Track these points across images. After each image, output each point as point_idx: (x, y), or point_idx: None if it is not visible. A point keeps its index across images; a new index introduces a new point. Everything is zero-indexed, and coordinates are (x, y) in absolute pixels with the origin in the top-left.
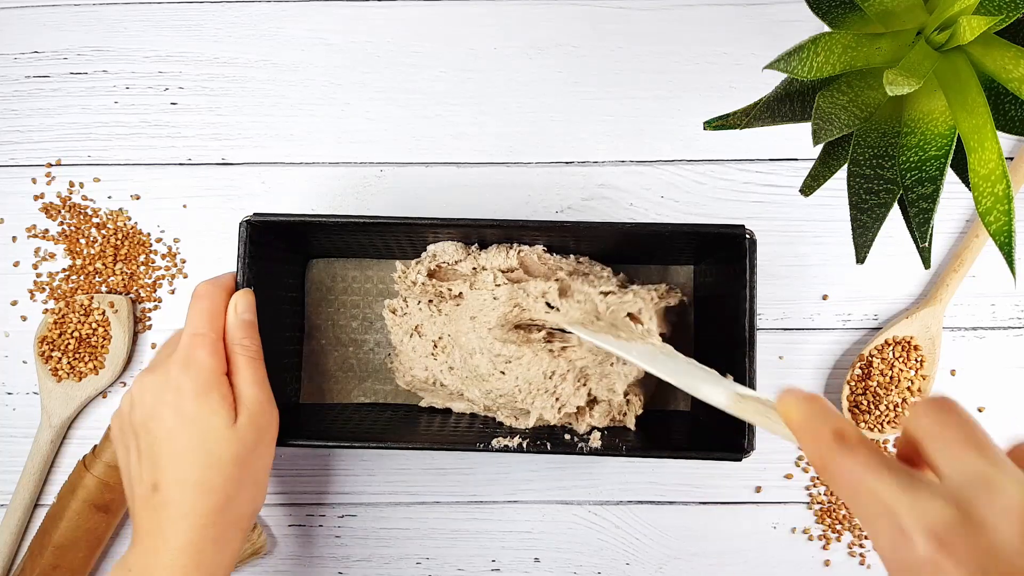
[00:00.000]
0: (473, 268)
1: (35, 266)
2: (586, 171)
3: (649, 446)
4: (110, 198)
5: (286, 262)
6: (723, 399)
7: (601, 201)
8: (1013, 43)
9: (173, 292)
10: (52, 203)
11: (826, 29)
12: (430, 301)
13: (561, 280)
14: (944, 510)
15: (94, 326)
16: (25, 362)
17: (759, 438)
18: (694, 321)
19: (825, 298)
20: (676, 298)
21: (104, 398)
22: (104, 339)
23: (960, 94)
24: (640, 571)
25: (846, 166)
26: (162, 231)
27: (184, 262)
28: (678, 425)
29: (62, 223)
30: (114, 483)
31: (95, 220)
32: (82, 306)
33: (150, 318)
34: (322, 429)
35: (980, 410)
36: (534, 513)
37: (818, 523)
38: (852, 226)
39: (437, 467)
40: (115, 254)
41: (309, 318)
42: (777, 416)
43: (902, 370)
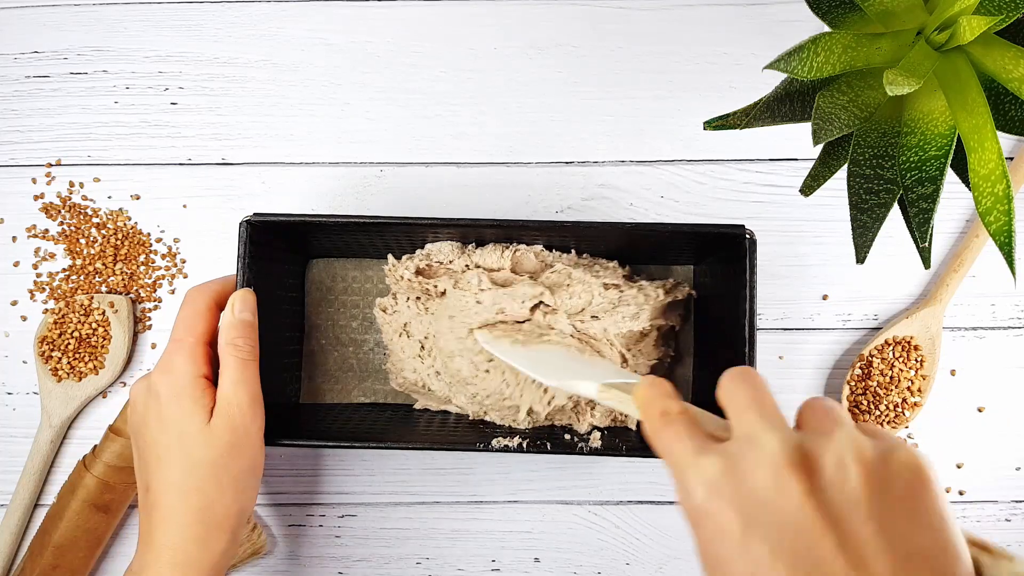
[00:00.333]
0: (465, 266)
1: (35, 266)
2: (586, 171)
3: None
4: (110, 198)
5: (286, 262)
6: (592, 391)
7: (601, 201)
8: (1013, 43)
9: (173, 292)
10: (52, 203)
11: (826, 29)
12: (417, 298)
13: (558, 272)
14: (716, 465)
15: (94, 326)
16: (25, 362)
17: None
18: (694, 321)
19: (825, 298)
20: (684, 292)
21: (104, 398)
22: (104, 339)
23: (960, 94)
24: (640, 571)
25: (846, 166)
26: (162, 231)
27: (184, 262)
28: None
29: (62, 223)
30: (114, 483)
31: (95, 220)
32: (82, 306)
33: (150, 318)
34: (322, 429)
35: (980, 410)
36: (534, 513)
37: None
38: (852, 226)
39: (437, 467)
40: (115, 254)
41: (309, 318)
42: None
43: (902, 370)
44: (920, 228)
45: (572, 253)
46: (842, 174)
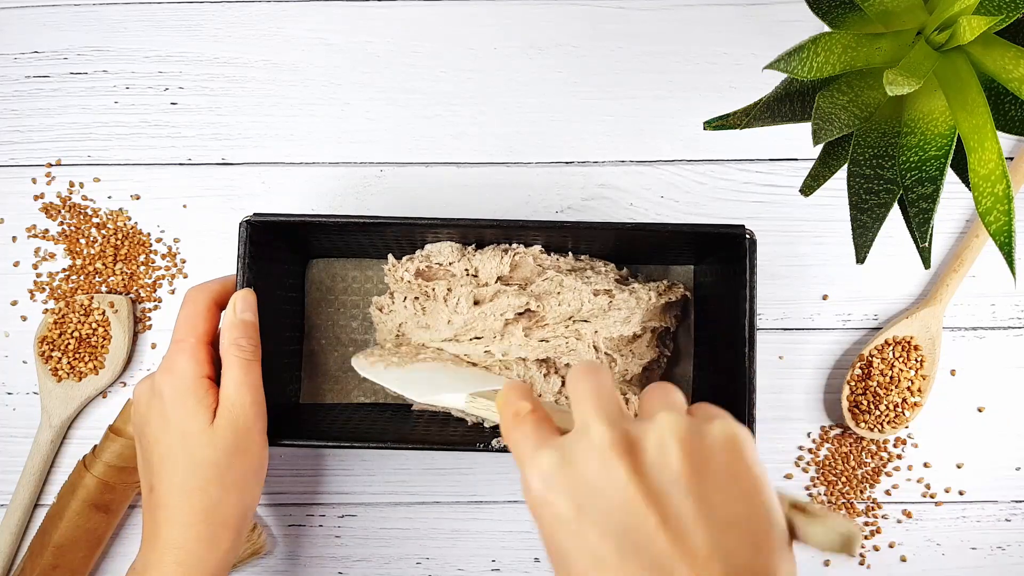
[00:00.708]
0: (465, 270)
1: (35, 266)
2: (586, 171)
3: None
4: (110, 198)
5: (286, 262)
6: (459, 402)
7: (601, 201)
8: (1013, 43)
9: (173, 292)
10: (52, 203)
11: (826, 29)
12: (415, 298)
13: (549, 279)
14: (551, 457)
15: (94, 326)
16: (25, 362)
17: (759, 438)
18: (694, 321)
19: (825, 298)
20: (678, 292)
21: (104, 398)
22: (104, 339)
23: (960, 94)
24: None
25: (846, 166)
26: (162, 231)
27: (184, 262)
28: None
29: (62, 223)
30: (114, 483)
31: (95, 220)
32: (82, 306)
33: (150, 318)
34: (322, 429)
35: (980, 410)
36: None
37: None
38: (852, 226)
39: (437, 467)
40: (115, 254)
41: (309, 318)
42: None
43: (902, 370)
44: (920, 228)
45: (569, 256)
46: (842, 174)
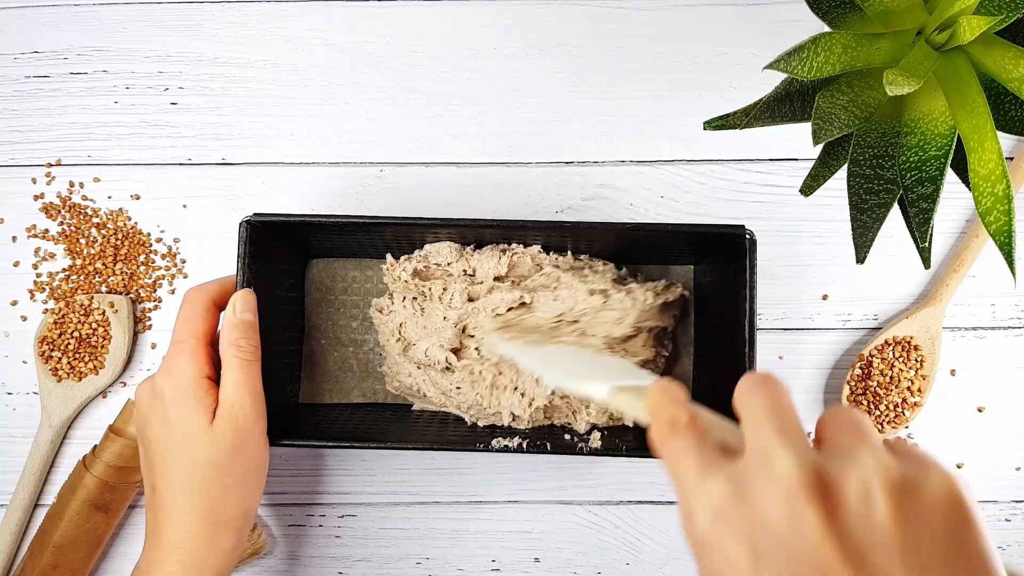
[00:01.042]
0: (464, 270)
1: (35, 266)
2: (586, 171)
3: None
4: (110, 198)
5: (286, 262)
6: (602, 394)
7: (601, 201)
8: (1013, 43)
9: (173, 292)
10: (52, 203)
11: (826, 29)
12: (414, 299)
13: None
14: (723, 488)
15: (94, 326)
16: (25, 362)
17: None
18: (694, 321)
19: (825, 298)
20: (676, 293)
21: (104, 398)
22: (104, 339)
23: (960, 94)
24: (640, 571)
25: (846, 166)
26: (162, 231)
27: (184, 262)
28: None
29: (62, 223)
30: (114, 483)
31: (95, 220)
32: (82, 306)
33: (150, 318)
34: (322, 429)
35: (980, 410)
36: (534, 513)
37: None
38: (852, 226)
39: (437, 467)
40: (115, 254)
41: (309, 318)
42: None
43: (902, 370)
44: (920, 228)
45: (568, 255)
46: (842, 174)
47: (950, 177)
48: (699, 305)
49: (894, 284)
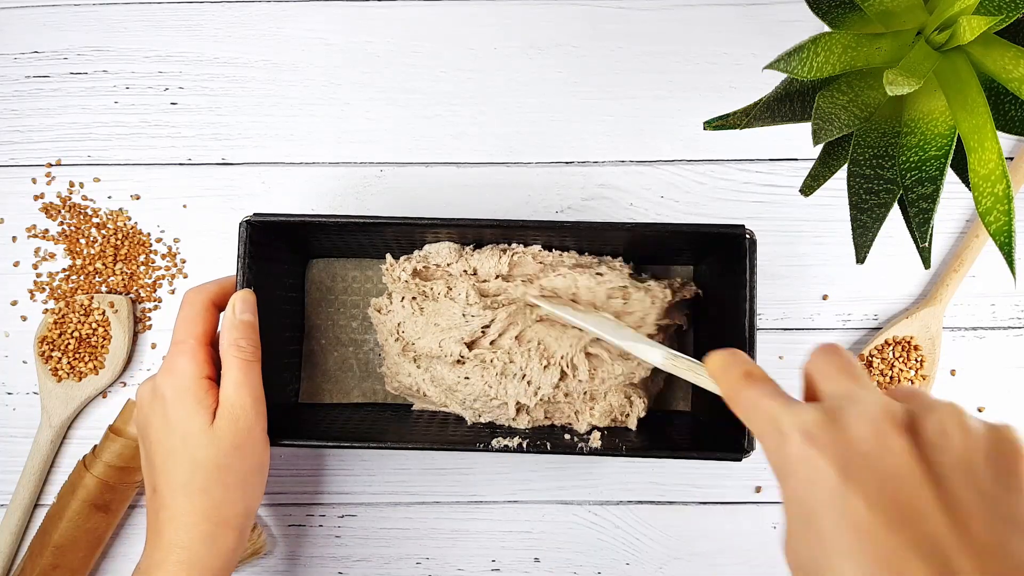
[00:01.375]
0: (464, 270)
1: (35, 266)
2: (586, 171)
3: (649, 446)
4: (110, 198)
5: (286, 262)
6: (659, 358)
7: (601, 201)
8: (1013, 43)
9: (173, 292)
10: (52, 203)
11: (826, 29)
12: (413, 298)
13: (562, 276)
14: (815, 414)
15: (94, 326)
16: (25, 362)
17: None
18: (694, 320)
19: (825, 298)
20: (691, 291)
21: (104, 398)
22: (104, 339)
23: (960, 94)
24: (640, 571)
25: (846, 166)
26: (162, 231)
27: (184, 262)
28: (679, 425)
29: (62, 223)
30: (114, 483)
31: (95, 220)
32: (82, 306)
33: (150, 318)
34: (321, 429)
35: (980, 410)
36: (534, 513)
37: None
38: (852, 226)
39: (437, 467)
40: (115, 254)
41: (309, 318)
42: (703, 371)
43: (902, 370)
44: (920, 228)
45: (572, 252)
46: (842, 174)
47: (950, 177)
48: (699, 305)
49: (894, 284)
